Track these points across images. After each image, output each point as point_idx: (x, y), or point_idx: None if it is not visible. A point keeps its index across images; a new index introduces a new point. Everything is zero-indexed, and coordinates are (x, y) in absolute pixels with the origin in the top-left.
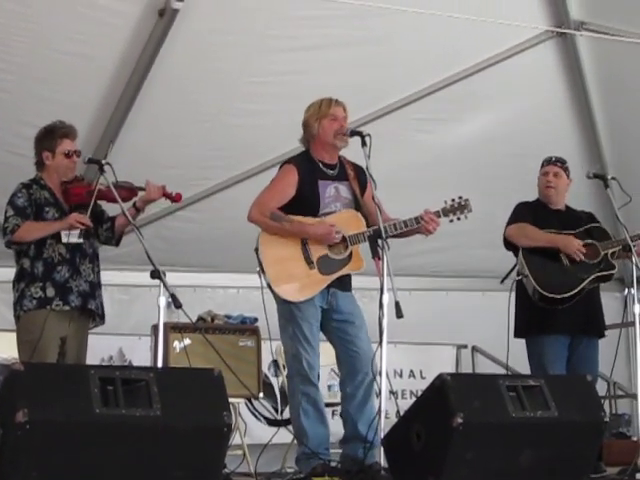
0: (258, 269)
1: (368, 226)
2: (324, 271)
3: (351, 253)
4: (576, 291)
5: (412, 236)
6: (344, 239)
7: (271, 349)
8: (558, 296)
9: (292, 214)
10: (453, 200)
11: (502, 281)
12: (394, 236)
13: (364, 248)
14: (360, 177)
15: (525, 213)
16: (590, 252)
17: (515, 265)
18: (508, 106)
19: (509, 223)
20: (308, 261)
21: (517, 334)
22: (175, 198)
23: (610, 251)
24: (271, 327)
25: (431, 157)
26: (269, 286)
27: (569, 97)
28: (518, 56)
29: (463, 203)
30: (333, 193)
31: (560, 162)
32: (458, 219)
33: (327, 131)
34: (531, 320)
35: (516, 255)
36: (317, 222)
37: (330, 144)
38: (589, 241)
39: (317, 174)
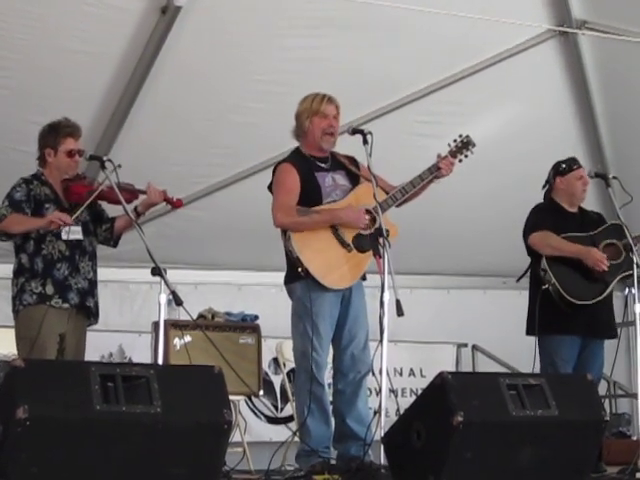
0: (300, 270)
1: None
2: (362, 249)
3: None
4: (605, 295)
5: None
6: (370, 212)
7: (271, 347)
8: (588, 302)
9: None
10: (455, 140)
11: (518, 280)
12: (411, 196)
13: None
14: (355, 164)
15: (545, 219)
16: (613, 252)
17: (530, 265)
18: (509, 105)
19: (530, 229)
20: (344, 245)
21: (530, 332)
22: (176, 204)
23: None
24: (272, 324)
25: (430, 158)
26: (317, 282)
27: (571, 96)
28: (520, 55)
29: (465, 140)
30: (331, 182)
31: None
32: (466, 156)
33: (316, 129)
34: (546, 320)
35: (536, 260)
36: (345, 207)
37: (317, 143)
38: (610, 241)
39: (312, 168)
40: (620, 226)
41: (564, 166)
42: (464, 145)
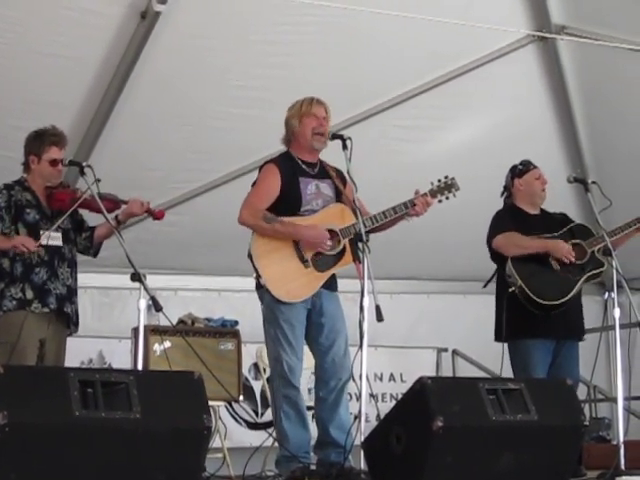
0: (255, 275)
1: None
2: (320, 268)
3: (344, 247)
4: (572, 294)
5: (394, 226)
6: (336, 234)
7: (251, 352)
8: (556, 302)
9: (274, 212)
10: (439, 180)
11: (485, 285)
12: (381, 227)
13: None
14: (341, 178)
15: (507, 221)
16: (577, 252)
17: (496, 271)
18: (488, 111)
19: (493, 234)
20: (303, 260)
21: (497, 338)
22: (157, 215)
23: (596, 248)
24: (252, 330)
25: (409, 164)
26: (267, 290)
27: (550, 101)
28: (499, 60)
29: (450, 182)
30: (314, 190)
31: None
32: (447, 198)
33: (306, 130)
34: (516, 324)
35: (501, 266)
36: (310, 225)
37: (308, 144)
38: (575, 241)
39: (298, 172)
40: (585, 226)
41: (521, 167)
42: (447, 187)
